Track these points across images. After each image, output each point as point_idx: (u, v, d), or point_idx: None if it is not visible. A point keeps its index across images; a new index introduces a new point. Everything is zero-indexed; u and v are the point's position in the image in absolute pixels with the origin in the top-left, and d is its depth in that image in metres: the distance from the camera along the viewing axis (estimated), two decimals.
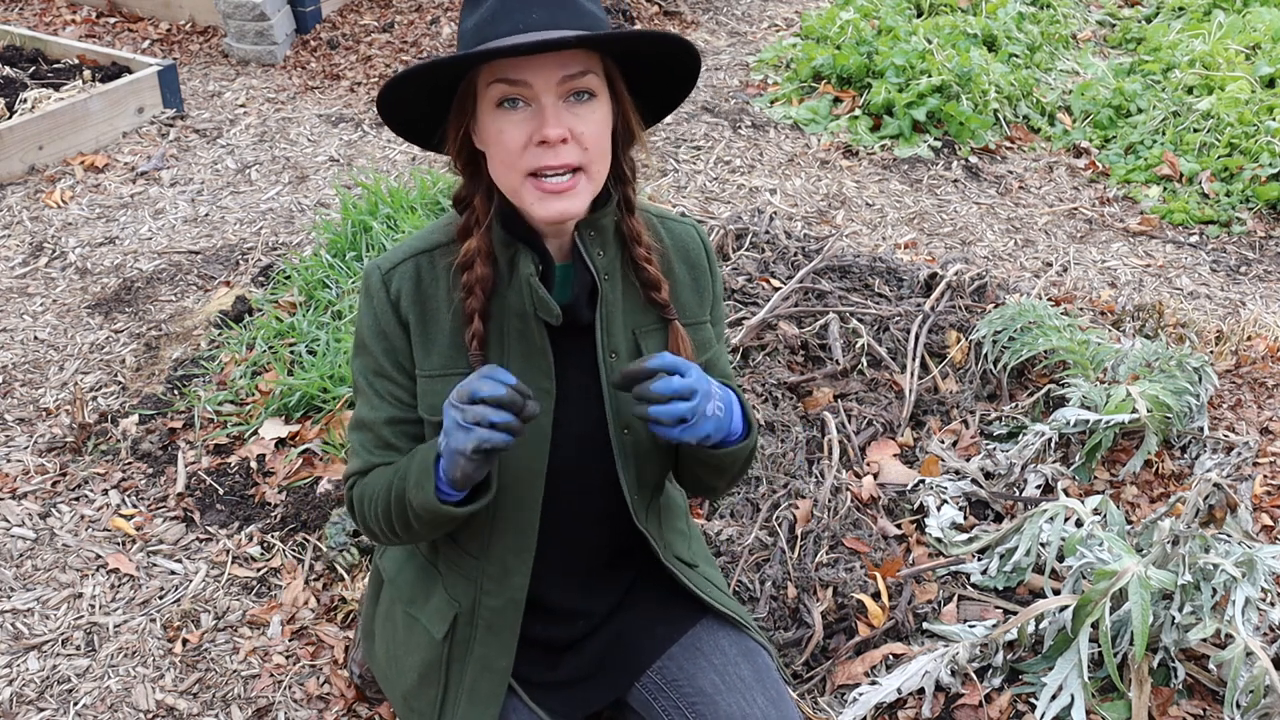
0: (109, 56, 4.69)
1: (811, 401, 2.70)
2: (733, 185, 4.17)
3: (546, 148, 1.28)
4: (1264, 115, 4.39)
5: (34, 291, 3.40)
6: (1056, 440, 2.61)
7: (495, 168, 1.34)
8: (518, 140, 1.28)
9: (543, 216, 1.32)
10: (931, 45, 4.90)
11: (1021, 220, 4.08)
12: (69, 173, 4.10)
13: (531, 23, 1.25)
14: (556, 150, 1.28)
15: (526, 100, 1.28)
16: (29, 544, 2.43)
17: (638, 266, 1.44)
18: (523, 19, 1.26)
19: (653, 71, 1.37)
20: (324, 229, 3.40)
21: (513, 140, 1.28)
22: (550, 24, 1.26)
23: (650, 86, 1.39)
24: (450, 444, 1.27)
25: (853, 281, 3.12)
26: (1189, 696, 2.02)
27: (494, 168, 1.34)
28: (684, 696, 1.56)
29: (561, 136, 1.27)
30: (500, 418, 1.23)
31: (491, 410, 1.23)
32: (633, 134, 1.39)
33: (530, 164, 1.29)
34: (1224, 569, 1.97)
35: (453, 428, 1.26)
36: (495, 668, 1.51)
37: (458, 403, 1.26)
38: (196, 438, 2.72)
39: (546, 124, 1.27)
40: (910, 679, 2.00)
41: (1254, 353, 3.08)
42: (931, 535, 2.38)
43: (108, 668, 2.14)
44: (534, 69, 1.26)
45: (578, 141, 1.29)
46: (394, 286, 1.42)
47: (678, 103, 1.44)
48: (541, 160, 1.28)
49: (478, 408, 1.24)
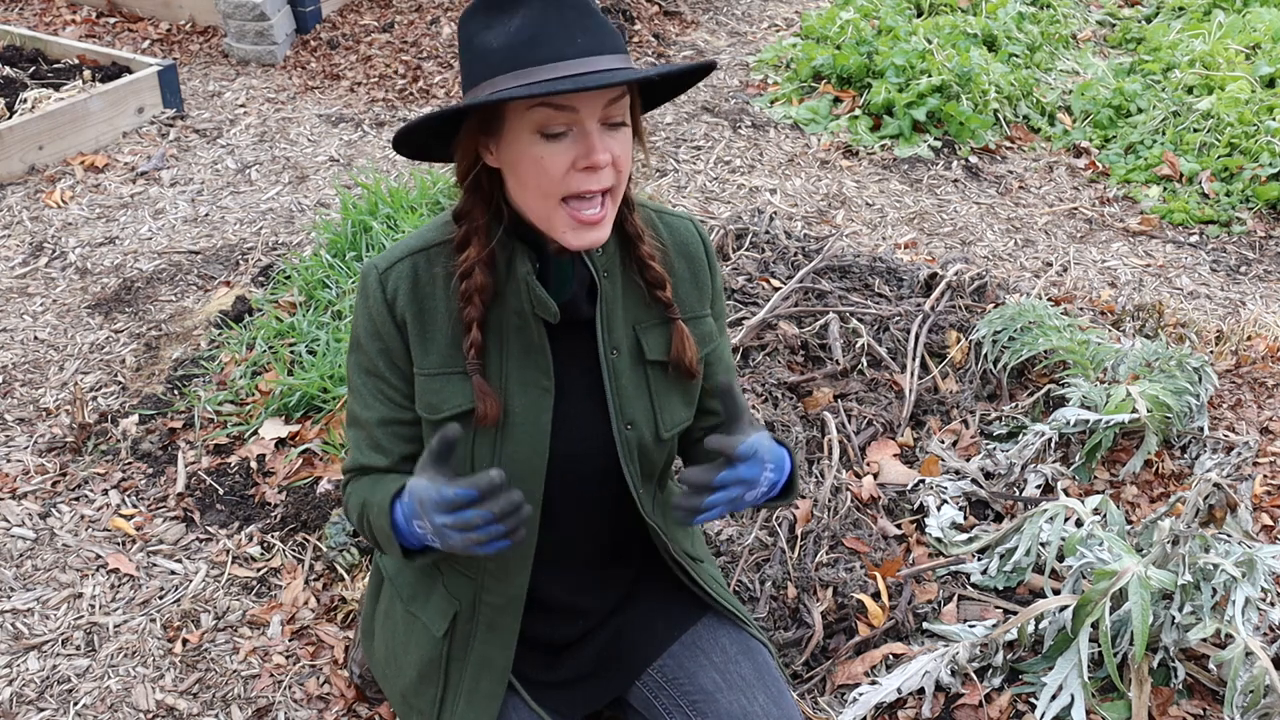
0: (109, 56, 4.69)
1: (811, 401, 2.70)
2: (733, 185, 4.17)
3: (590, 173, 1.27)
4: (1264, 115, 4.39)
5: (34, 291, 3.40)
6: (1056, 440, 2.61)
7: (525, 193, 1.32)
8: (560, 166, 1.27)
9: (575, 245, 1.32)
10: (931, 45, 4.90)
11: (1021, 220, 4.08)
12: (69, 173, 4.10)
13: (577, 48, 1.24)
14: (598, 175, 1.27)
15: (570, 125, 1.27)
16: (29, 544, 2.43)
17: (642, 265, 1.44)
18: (567, 44, 1.24)
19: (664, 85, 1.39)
20: (324, 229, 3.40)
21: (555, 167, 1.27)
22: (596, 47, 1.24)
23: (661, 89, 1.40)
24: (445, 544, 1.26)
25: (853, 281, 3.12)
26: (1189, 696, 2.02)
27: (523, 193, 1.32)
28: (685, 695, 1.56)
29: (609, 162, 1.27)
30: (496, 528, 1.21)
31: (480, 530, 1.22)
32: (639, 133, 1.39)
33: (569, 188, 1.28)
34: (1224, 569, 1.97)
35: (443, 534, 1.24)
36: (495, 666, 1.51)
37: (437, 517, 1.22)
38: (196, 438, 2.72)
39: (595, 150, 1.26)
40: (910, 679, 2.00)
41: (1254, 353, 3.08)
42: (931, 535, 2.38)
43: (108, 668, 2.14)
44: (583, 98, 1.25)
45: (615, 165, 1.29)
46: (390, 286, 1.41)
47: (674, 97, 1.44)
48: (583, 185, 1.27)
49: (470, 532, 1.22)
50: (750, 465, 1.29)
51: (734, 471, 1.28)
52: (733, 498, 1.30)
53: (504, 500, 1.20)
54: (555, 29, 1.24)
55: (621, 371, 1.44)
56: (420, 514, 1.25)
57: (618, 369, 1.44)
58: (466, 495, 1.20)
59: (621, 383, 1.44)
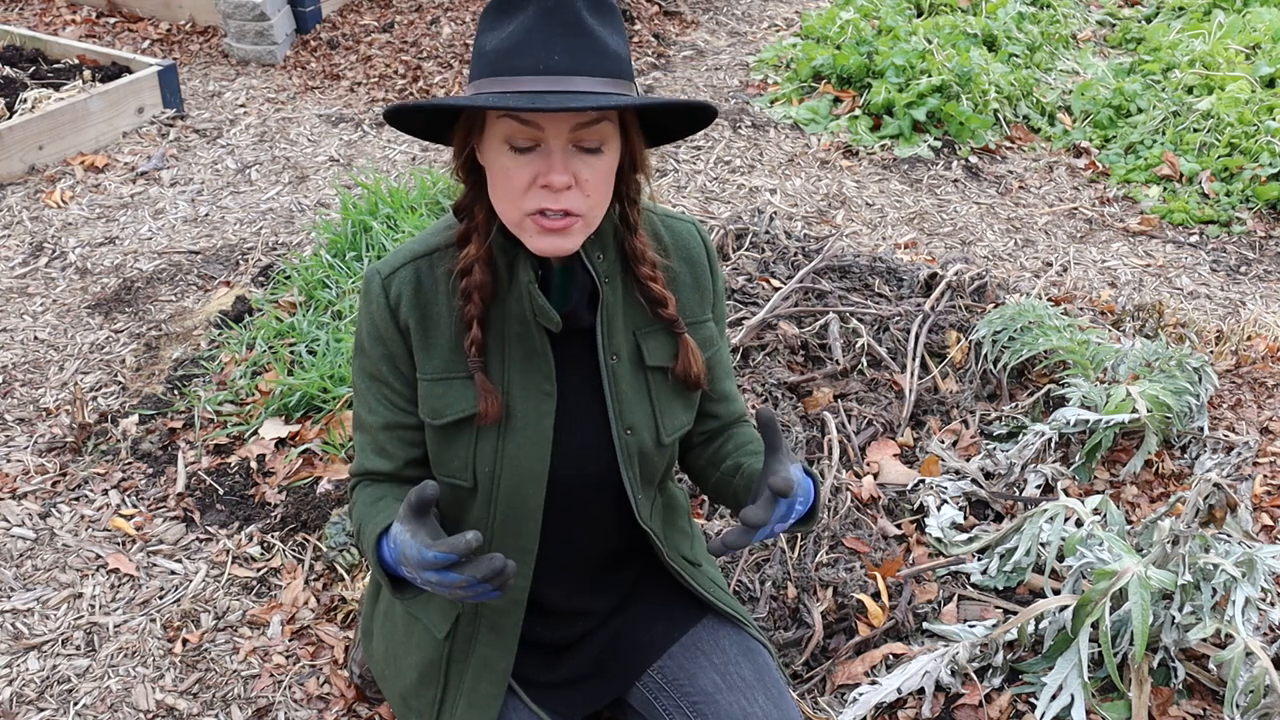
0: (109, 56, 4.69)
1: (811, 401, 2.70)
2: (733, 185, 4.17)
3: (549, 192, 1.26)
4: (1264, 115, 4.39)
5: (34, 291, 3.40)
6: (1056, 440, 2.61)
7: (497, 199, 1.32)
8: (523, 180, 1.27)
9: (537, 249, 1.32)
10: (931, 45, 4.90)
11: (1021, 220, 4.08)
12: (69, 173, 4.10)
13: (552, 65, 1.22)
14: (558, 196, 1.27)
15: (535, 142, 1.26)
16: (29, 544, 2.43)
17: (643, 286, 1.44)
18: (544, 58, 1.22)
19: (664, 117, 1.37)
20: (324, 229, 3.40)
21: (518, 180, 1.27)
22: (571, 68, 1.23)
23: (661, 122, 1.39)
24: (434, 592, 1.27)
25: (853, 281, 3.12)
26: (1189, 696, 2.02)
27: (496, 197, 1.33)
28: (685, 696, 1.56)
29: (566, 184, 1.26)
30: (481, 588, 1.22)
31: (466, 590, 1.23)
32: (637, 162, 1.37)
33: (532, 205, 1.28)
34: (1224, 569, 1.97)
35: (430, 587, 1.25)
36: (495, 669, 1.51)
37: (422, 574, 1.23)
38: (196, 438, 2.72)
39: (553, 169, 1.25)
40: (910, 679, 2.00)
41: (1254, 353, 3.08)
42: (931, 535, 2.38)
43: (108, 668, 2.14)
44: (547, 116, 1.24)
45: (581, 188, 1.28)
46: (394, 292, 1.41)
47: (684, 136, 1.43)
48: (541, 203, 1.27)
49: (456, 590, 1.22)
50: (788, 504, 1.30)
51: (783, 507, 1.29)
52: (767, 534, 1.31)
53: (485, 566, 1.19)
54: (538, 41, 1.23)
55: (621, 376, 1.44)
56: (405, 564, 1.26)
57: (618, 374, 1.44)
58: (446, 559, 1.19)
59: (621, 388, 1.44)
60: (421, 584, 1.26)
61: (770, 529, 1.30)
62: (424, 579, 1.23)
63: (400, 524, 1.25)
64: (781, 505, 1.28)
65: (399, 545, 1.25)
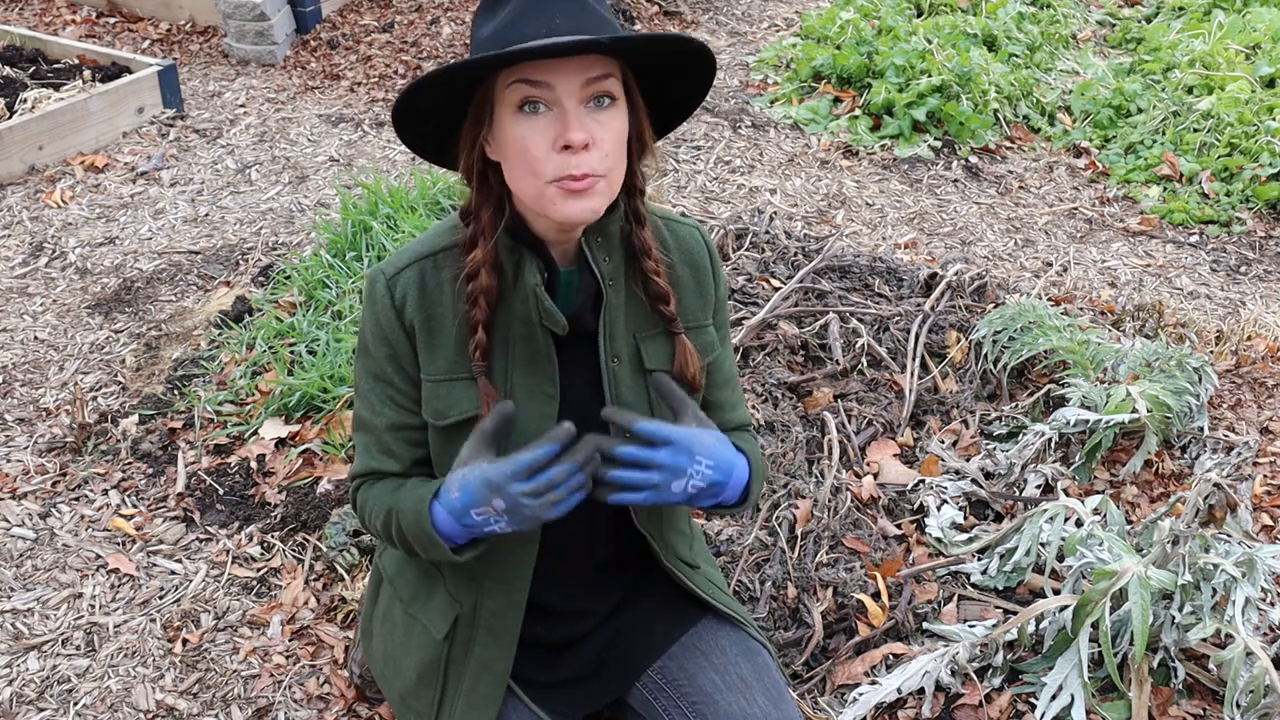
0: (109, 56, 4.69)
1: (811, 401, 2.70)
2: (733, 185, 4.17)
3: (570, 154, 1.26)
4: (1264, 115, 4.39)
5: (34, 291, 3.40)
6: (1056, 440, 2.61)
7: (516, 176, 1.31)
8: (541, 146, 1.27)
9: (566, 215, 1.30)
10: (931, 45, 4.90)
11: (1021, 220, 4.08)
12: (69, 173, 4.10)
13: (556, 28, 1.24)
14: (580, 158, 1.26)
15: (548, 104, 1.26)
16: (29, 544, 2.43)
17: (646, 279, 1.44)
18: (546, 24, 1.24)
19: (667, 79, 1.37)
20: (324, 229, 3.40)
21: (536, 147, 1.27)
22: (574, 29, 1.25)
23: (662, 96, 1.39)
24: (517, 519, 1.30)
25: (853, 281, 3.12)
26: (1189, 696, 2.02)
27: (514, 176, 1.32)
28: (684, 696, 1.56)
29: (585, 141, 1.25)
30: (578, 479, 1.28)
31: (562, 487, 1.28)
32: (645, 145, 1.38)
33: (552, 172, 1.27)
34: (1224, 569, 1.97)
35: (518, 507, 1.29)
36: (495, 670, 1.51)
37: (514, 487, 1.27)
38: (196, 438, 2.72)
39: (570, 128, 1.25)
40: (910, 679, 2.00)
41: (1254, 353, 3.08)
42: (931, 535, 2.38)
43: (108, 668, 2.14)
44: (557, 72, 1.25)
45: (598, 147, 1.28)
46: (399, 293, 1.41)
47: (688, 112, 1.43)
48: (565, 169, 1.27)
49: (551, 493, 1.28)
50: (674, 452, 1.33)
51: (652, 452, 1.32)
52: (654, 482, 1.33)
53: (584, 449, 1.26)
54: (536, 12, 1.25)
55: (622, 380, 1.45)
56: (488, 496, 1.28)
57: (619, 377, 1.44)
58: (548, 452, 1.25)
59: (622, 391, 1.44)
60: (506, 511, 1.28)
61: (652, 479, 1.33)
62: (513, 494, 1.26)
63: (472, 461, 1.30)
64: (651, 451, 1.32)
65: (477, 479, 1.29)
